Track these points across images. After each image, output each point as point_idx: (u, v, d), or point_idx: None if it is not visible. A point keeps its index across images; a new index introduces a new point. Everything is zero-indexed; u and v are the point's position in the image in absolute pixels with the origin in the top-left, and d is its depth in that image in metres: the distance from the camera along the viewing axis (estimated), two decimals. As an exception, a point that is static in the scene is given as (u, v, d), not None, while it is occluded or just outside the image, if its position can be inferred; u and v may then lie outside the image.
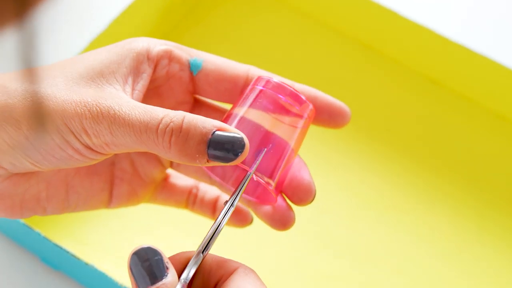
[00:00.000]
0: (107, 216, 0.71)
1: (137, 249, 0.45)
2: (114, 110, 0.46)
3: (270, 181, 0.48)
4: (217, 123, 0.46)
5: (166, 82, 0.53)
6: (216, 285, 0.47)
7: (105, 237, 0.70)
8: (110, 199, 0.55)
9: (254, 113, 0.49)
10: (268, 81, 0.50)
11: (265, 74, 0.52)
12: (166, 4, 0.81)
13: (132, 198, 0.56)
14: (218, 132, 0.46)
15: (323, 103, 0.53)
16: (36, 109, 0.45)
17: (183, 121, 0.46)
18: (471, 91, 0.81)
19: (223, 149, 0.45)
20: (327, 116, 0.53)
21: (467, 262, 0.72)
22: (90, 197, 0.54)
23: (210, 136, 0.45)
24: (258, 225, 0.59)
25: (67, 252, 0.62)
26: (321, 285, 0.70)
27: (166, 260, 0.45)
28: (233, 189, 0.53)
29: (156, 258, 0.45)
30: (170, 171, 0.58)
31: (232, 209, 0.47)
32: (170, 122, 0.46)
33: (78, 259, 0.61)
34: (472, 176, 0.77)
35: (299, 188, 0.51)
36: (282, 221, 0.53)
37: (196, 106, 0.55)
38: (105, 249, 0.70)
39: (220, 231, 0.47)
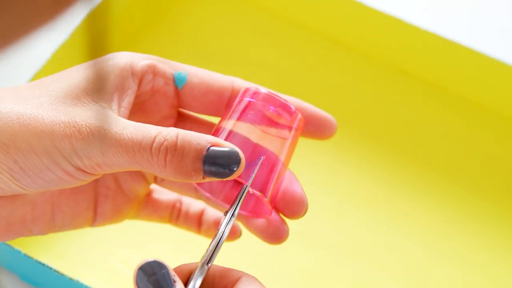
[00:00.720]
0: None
1: (142, 263, 0.44)
2: (104, 130, 0.45)
3: (263, 195, 0.48)
4: (211, 138, 0.46)
5: (151, 97, 0.52)
6: None
7: (83, 250, 0.70)
8: (95, 217, 0.55)
9: (243, 126, 0.49)
10: (256, 93, 0.50)
11: (251, 85, 0.52)
12: (125, 9, 0.81)
13: (116, 215, 0.55)
14: (213, 148, 0.45)
15: (309, 115, 0.53)
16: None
17: (177, 138, 0.45)
18: (444, 80, 0.81)
19: (218, 165, 0.45)
20: (313, 128, 0.53)
21: (453, 252, 0.73)
22: (75, 216, 0.54)
23: (205, 152, 0.45)
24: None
25: (51, 268, 0.61)
26: (308, 284, 0.71)
27: (172, 273, 0.45)
28: (221, 203, 0.53)
29: (162, 271, 0.44)
30: (153, 186, 0.57)
31: (233, 219, 0.47)
32: (164, 140, 0.45)
33: (62, 275, 0.61)
34: (452, 164, 0.78)
35: (292, 202, 0.51)
36: (276, 234, 0.53)
37: (180, 120, 0.54)
38: (84, 262, 0.69)
39: (223, 242, 0.46)
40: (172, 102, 0.53)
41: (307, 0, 0.83)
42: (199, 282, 0.45)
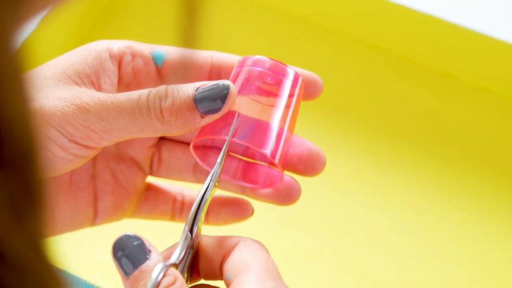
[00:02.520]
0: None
1: (116, 238, 0.45)
2: (99, 99, 0.46)
3: (273, 159, 0.48)
4: (197, 83, 0.47)
5: (134, 79, 0.52)
6: (221, 264, 0.47)
7: (61, 241, 0.69)
8: (95, 214, 0.54)
9: (243, 99, 0.49)
10: (255, 61, 0.50)
11: (232, 57, 0.52)
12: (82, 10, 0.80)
13: (117, 211, 0.54)
14: (200, 83, 0.47)
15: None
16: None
17: (166, 88, 0.47)
18: (416, 52, 0.82)
19: (209, 95, 0.46)
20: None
21: (437, 225, 0.74)
22: (75, 214, 0.53)
23: (195, 92, 0.47)
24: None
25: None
26: (292, 263, 0.71)
27: (148, 243, 0.45)
28: (225, 178, 0.52)
29: (136, 243, 0.45)
30: (151, 181, 0.56)
31: (214, 179, 0.47)
32: (156, 92, 0.47)
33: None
34: (431, 139, 0.79)
35: (311, 158, 0.52)
36: (289, 195, 0.53)
37: None
38: (64, 253, 0.68)
39: (205, 204, 0.46)
40: (155, 81, 0.53)
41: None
42: (181, 251, 0.45)
